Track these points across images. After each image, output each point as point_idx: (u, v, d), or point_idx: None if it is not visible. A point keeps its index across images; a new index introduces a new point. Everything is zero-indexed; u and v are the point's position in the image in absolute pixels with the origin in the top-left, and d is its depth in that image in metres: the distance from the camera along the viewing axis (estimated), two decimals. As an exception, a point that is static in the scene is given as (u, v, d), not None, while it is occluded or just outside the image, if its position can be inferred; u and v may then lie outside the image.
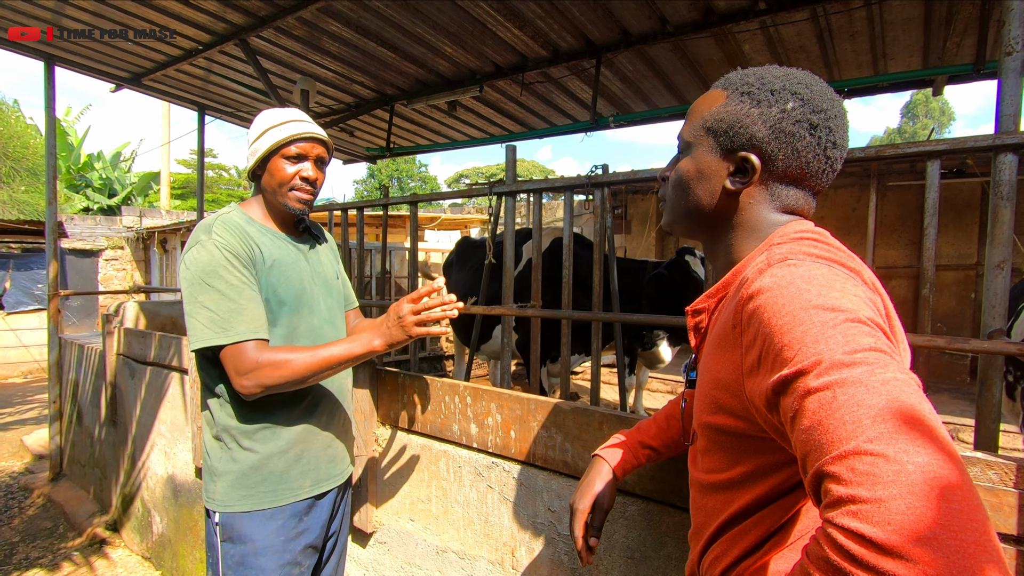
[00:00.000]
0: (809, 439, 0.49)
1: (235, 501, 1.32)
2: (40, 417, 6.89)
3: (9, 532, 3.81)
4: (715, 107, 0.77)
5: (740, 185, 0.75)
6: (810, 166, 0.72)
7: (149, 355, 3.15)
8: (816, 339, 0.52)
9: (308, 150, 1.37)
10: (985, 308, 1.45)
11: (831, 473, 0.46)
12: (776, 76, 0.74)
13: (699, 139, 0.78)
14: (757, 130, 0.72)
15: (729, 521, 0.72)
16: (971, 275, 7.31)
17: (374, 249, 7.12)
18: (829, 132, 0.71)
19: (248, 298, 1.26)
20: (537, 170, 31.85)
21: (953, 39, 3.43)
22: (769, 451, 0.66)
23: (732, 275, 0.76)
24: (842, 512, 0.44)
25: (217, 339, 1.22)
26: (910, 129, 33.05)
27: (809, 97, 0.71)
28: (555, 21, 3.39)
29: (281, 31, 3.58)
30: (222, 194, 22.22)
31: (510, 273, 2.56)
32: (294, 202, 1.38)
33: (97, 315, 10.76)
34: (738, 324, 0.64)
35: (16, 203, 13.73)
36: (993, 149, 1.43)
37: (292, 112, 1.41)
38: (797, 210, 0.75)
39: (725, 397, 0.68)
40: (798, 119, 0.70)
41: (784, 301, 0.57)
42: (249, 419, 1.33)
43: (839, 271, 0.62)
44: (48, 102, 4.43)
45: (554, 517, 1.46)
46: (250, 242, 1.32)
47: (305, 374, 1.24)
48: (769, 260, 0.66)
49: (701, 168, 0.78)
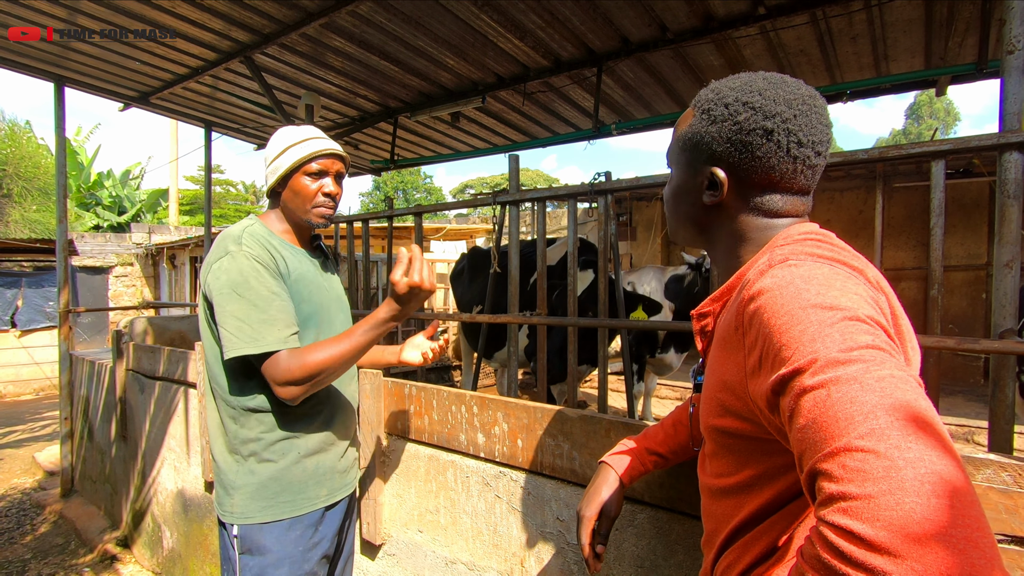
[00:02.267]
0: (804, 437, 0.49)
1: (255, 512, 1.32)
2: (52, 434, 6.94)
3: (22, 549, 3.83)
4: (685, 126, 0.80)
5: (713, 198, 0.76)
6: (776, 170, 0.72)
7: (158, 370, 3.17)
8: (813, 338, 0.52)
9: (328, 166, 1.40)
10: (995, 308, 1.44)
11: (823, 470, 0.46)
12: (732, 88, 0.75)
13: (677, 157, 0.83)
14: (717, 146, 0.74)
15: (740, 527, 0.71)
16: (981, 275, 7.24)
17: (380, 261, 7.15)
18: (788, 133, 0.71)
19: (279, 308, 1.27)
20: (542, 179, 31.96)
21: (955, 39, 3.43)
22: (776, 453, 0.66)
23: (736, 278, 0.76)
24: (833, 509, 0.43)
25: (248, 348, 1.22)
26: (915, 130, 32.90)
27: (761, 104, 0.71)
28: (556, 31, 3.42)
29: (285, 47, 3.63)
30: (230, 209, 22.44)
31: (516, 281, 2.57)
32: (317, 218, 1.41)
33: (108, 331, 10.85)
34: (740, 326, 0.64)
35: (28, 222, 13.94)
36: (998, 148, 1.42)
37: (310, 130, 1.43)
38: (783, 212, 0.76)
39: (730, 399, 0.68)
40: (751, 128, 0.71)
41: (783, 301, 0.57)
42: (269, 431, 1.33)
43: (840, 270, 0.61)
44: (58, 122, 4.51)
45: (563, 526, 1.44)
46: (276, 254, 1.34)
47: (338, 366, 1.24)
48: (770, 261, 0.66)
49: (681, 185, 0.82)
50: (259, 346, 1.22)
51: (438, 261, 8.85)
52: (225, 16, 3.24)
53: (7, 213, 13.87)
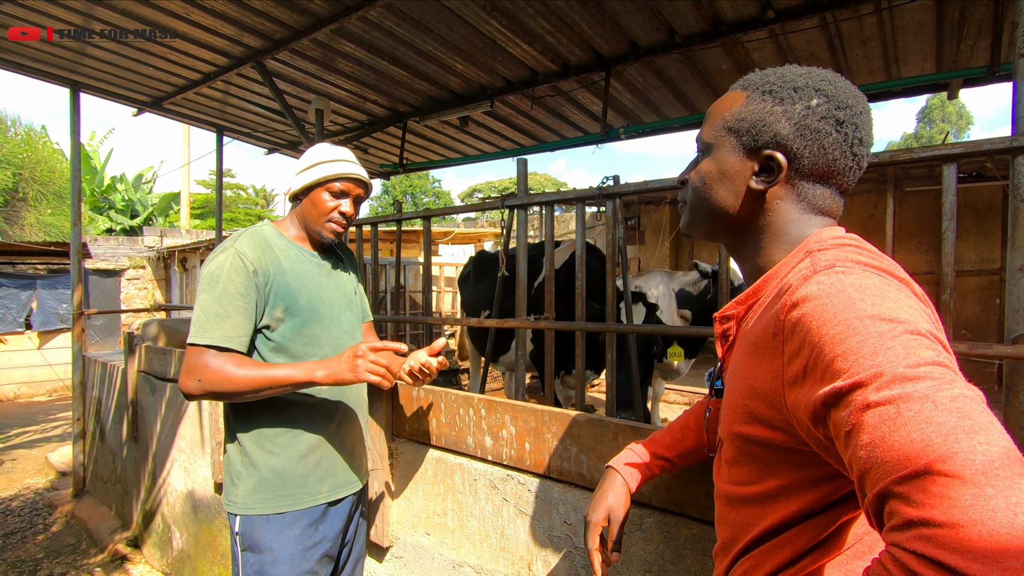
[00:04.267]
0: (871, 456, 0.47)
1: (255, 504, 1.37)
2: (64, 435, 7.02)
3: (34, 548, 3.87)
4: (736, 107, 0.75)
5: (765, 184, 0.73)
6: (837, 163, 0.70)
7: (169, 372, 3.20)
8: (874, 350, 0.50)
9: (351, 189, 1.49)
10: (1008, 312, 1.42)
11: (900, 493, 0.43)
12: (798, 74, 0.73)
13: (720, 140, 0.76)
14: (781, 127, 0.70)
15: (761, 537, 0.69)
16: (995, 280, 7.15)
17: (388, 264, 7.18)
18: (855, 128, 0.69)
19: (237, 308, 1.33)
20: (550, 183, 31.96)
21: (967, 42, 3.40)
22: (808, 465, 0.64)
23: (764, 281, 0.73)
24: (913, 535, 0.41)
25: (194, 337, 1.30)
26: (927, 134, 32.60)
27: (833, 93, 0.70)
28: (564, 36, 3.43)
29: (296, 53, 3.66)
30: (240, 213, 22.64)
31: (523, 286, 2.57)
32: (328, 232, 1.49)
33: (119, 333, 10.97)
34: (779, 332, 0.61)
35: (43, 225, 14.14)
36: (1011, 151, 1.41)
37: (343, 151, 1.52)
38: (826, 210, 0.74)
39: (761, 407, 0.65)
40: (823, 115, 0.69)
41: (835, 310, 0.55)
42: (270, 424, 1.39)
43: (891, 281, 0.59)
44: (73, 127, 4.58)
45: (570, 530, 1.44)
46: (273, 255, 1.41)
47: (244, 388, 1.28)
48: (815, 266, 0.63)
49: (724, 168, 0.76)
50: (203, 337, 1.29)
51: (446, 265, 8.87)
52: (237, 22, 3.28)
53: (23, 217, 14.08)
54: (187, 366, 1.30)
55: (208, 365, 1.28)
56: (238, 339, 1.33)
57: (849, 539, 0.65)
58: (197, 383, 1.28)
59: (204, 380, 1.28)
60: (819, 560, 0.65)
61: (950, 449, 0.42)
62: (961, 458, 0.41)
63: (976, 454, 0.42)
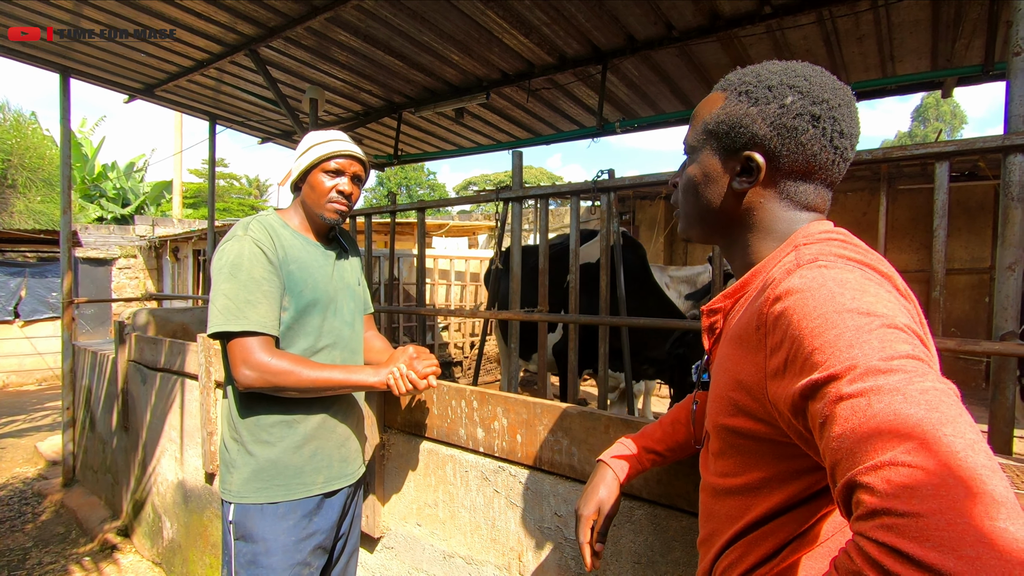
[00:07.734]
0: (841, 447, 0.47)
1: (250, 493, 1.37)
2: (54, 424, 6.97)
3: (23, 537, 3.85)
4: (715, 109, 0.76)
5: (746, 185, 0.74)
6: (818, 158, 0.71)
7: (160, 361, 3.18)
8: (850, 343, 0.51)
9: (346, 166, 1.48)
10: (997, 310, 1.44)
11: (864, 483, 0.44)
12: (773, 72, 0.73)
13: (703, 143, 0.78)
14: (758, 128, 0.71)
15: (745, 529, 0.70)
16: (985, 279, 7.22)
17: (382, 256, 7.16)
18: (833, 121, 0.70)
19: (265, 293, 1.34)
20: (546, 176, 31.93)
21: (962, 41, 3.41)
22: (789, 457, 0.65)
23: (751, 275, 0.74)
24: (876, 525, 0.42)
25: (228, 325, 1.29)
26: (921, 132, 32.75)
27: (808, 89, 0.70)
28: (561, 28, 3.41)
29: (290, 41, 3.63)
30: (233, 203, 22.46)
31: (517, 278, 2.57)
32: (330, 212, 1.48)
33: (110, 323, 10.91)
34: (762, 325, 0.62)
35: (32, 213, 13.97)
36: (1003, 150, 1.42)
37: (335, 133, 1.52)
38: (812, 205, 0.74)
39: (745, 399, 0.66)
40: (799, 112, 0.69)
41: (815, 303, 0.55)
42: (266, 414, 1.39)
43: (872, 275, 0.60)
44: (63, 113, 4.52)
45: (561, 522, 1.45)
46: (280, 243, 1.42)
47: (306, 386, 1.32)
48: (798, 260, 0.64)
49: (707, 172, 0.78)
50: (240, 324, 1.29)
51: (440, 257, 8.85)
52: (231, 9, 3.24)
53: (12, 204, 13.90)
54: (242, 358, 1.29)
55: (266, 359, 1.29)
56: (272, 324, 1.34)
57: (827, 531, 0.66)
58: (257, 375, 1.29)
59: (265, 374, 1.28)
60: (798, 552, 0.66)
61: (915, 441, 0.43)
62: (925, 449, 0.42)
63: (940, 445, 0.42)
